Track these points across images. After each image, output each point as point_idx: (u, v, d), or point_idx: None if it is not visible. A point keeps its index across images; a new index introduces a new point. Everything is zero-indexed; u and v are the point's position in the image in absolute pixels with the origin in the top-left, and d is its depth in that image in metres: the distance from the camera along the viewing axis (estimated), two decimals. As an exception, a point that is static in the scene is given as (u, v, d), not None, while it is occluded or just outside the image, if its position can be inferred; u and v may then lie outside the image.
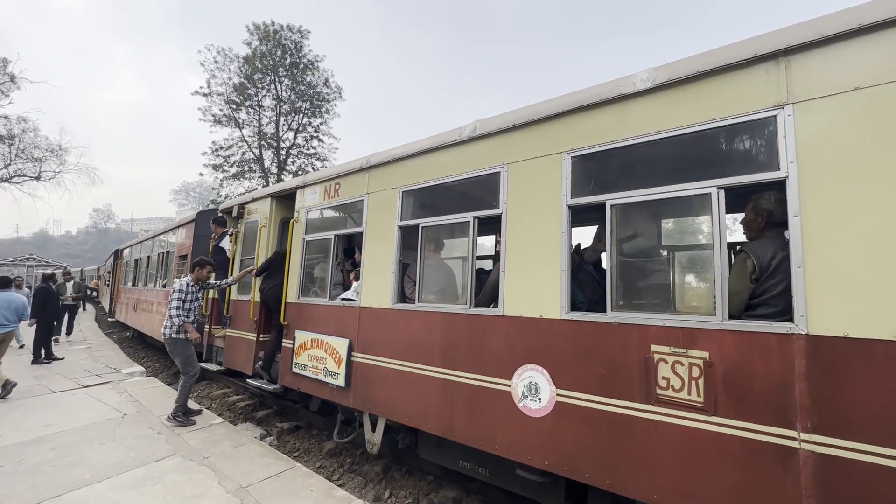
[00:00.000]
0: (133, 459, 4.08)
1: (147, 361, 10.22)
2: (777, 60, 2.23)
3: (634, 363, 2.49)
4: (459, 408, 3.30)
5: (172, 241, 9.60)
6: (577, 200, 2.87)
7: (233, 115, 25.52)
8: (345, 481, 4.25)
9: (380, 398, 3.95)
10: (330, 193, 4.94)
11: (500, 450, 3.03)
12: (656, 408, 2.39)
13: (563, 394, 2.76)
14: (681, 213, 3.15)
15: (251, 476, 3.83)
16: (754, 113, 2.27)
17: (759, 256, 2.39)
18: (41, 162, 28.10)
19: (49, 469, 3.85)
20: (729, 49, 2.41)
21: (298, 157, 27.19)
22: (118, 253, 16.76)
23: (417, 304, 3.77)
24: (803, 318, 2.02)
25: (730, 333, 2.22)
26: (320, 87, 26.98)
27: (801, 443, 1.97)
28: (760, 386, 2.10)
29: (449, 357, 3.43)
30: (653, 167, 2.91)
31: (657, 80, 2.60)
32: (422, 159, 3.95)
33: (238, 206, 6.74)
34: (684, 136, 2.50)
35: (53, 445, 4.38)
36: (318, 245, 5.06)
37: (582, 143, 2.89)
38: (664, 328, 2.41)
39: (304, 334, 4.84)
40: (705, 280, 2.57)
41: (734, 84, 2.36)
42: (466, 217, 3.48)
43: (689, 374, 2.30)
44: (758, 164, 2.44)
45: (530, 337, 2.97)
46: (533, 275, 3.01)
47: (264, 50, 25.47)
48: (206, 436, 4.78)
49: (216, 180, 26.12)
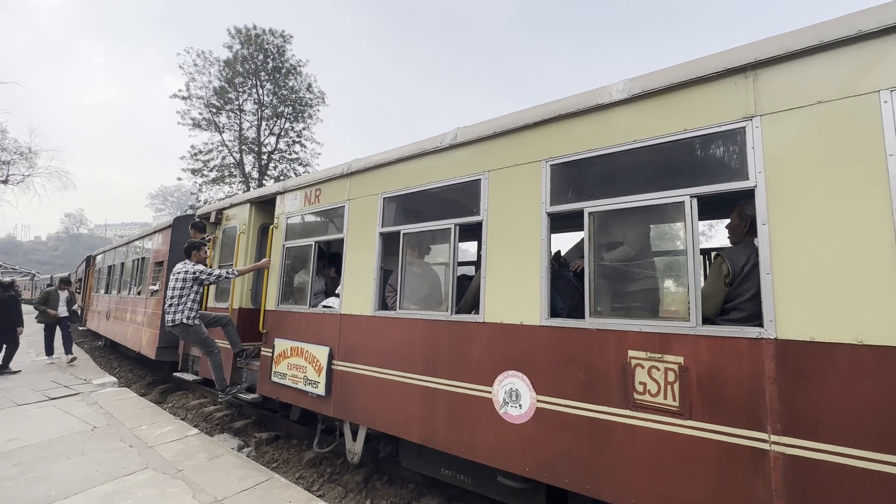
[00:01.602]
0: (102, 474, 3.93)
1: (119, 372, 9.89)
2: (745, 74, 2.31)
3: (613, 369, 2.52)
4: (441, 415, 3.29)
5: (148, 246, 9.34)
6: (556, 208, 2.91)
7: (213, 118, 25.09)
8: (325, 492, 4.18)
9: (361, 407, 3.90)
10: (310, 199, 4.89)
11: (482, 457, 3.03)
12: (634, 412, 2.42)
13: (544, 400, 2.78)
14: (657, 220, 3.22)
15: (227, 488, 3.72)
16: (724, 124, 2.35)
17: (733, 261, 2.46)
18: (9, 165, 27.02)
19: (11, 486, 3.67)
20: (700, 62, 2.49)
21: (280, 163, 26.86)
22: (90, 259, 16.23)
23: (399, 311, 3.75)
24: (772, 323, 2.09)
25: (703, 338, 2.27)
26: (303, 91, 26.76)
27: (772, 444, 2.02)
28: (733, 390, 2.15)
29: (430, 364, 3.42)
30: (629, 176, 2.98)
31: (632, 91, 2.67)
32: (403, 166, 3.95)
33: (216, 211, 6.61)
34: (659, 145, 2.57)
35: (17, 461, 4.18)
36: (299, 252, 4.99)
37: (561, 151, 2.93)
38: (641, 333, 2.45)
39: (283, 342, 4.76)
40: (680, 286, 2.63)
41: (705, 96, 2.43)
42: (448, 224, 3.49)
43: (665, 379, 2.34)
44: (729, 173, 2.51)
45: (511, 343, 2.98)
46: (513, 281, 3.03)
47: (246, 54, 25.16)
48: (180, 448, 4.64)
49: (195, 185, 25.57)
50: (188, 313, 4.84)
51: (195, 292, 4.93)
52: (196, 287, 4.92)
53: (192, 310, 4.88)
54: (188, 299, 4.86)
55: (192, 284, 4.89)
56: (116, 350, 11.63)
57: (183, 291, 4.86)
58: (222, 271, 5.13)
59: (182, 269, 4.93)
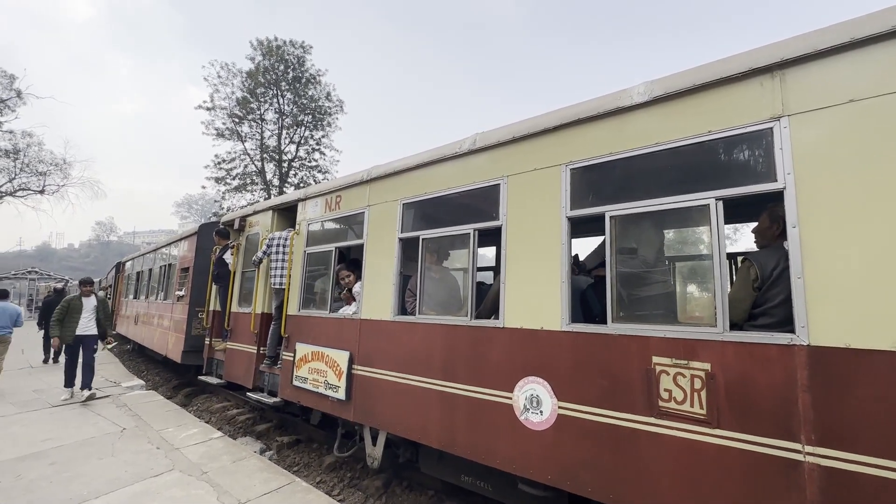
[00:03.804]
0: (131, 475, 4.04)
1: (147, 375, 10.18)
2: (772, 74, 2.26)
3: (636, 375, 2.48)
4: (460, 421, 3.28)
5: (175, 253, 9.63)
6: (576, 212, 2.89)
7: (235, 128, 25.79)
8: (345, 496, 4.20)
9: (380, 411, 3.92)
10: (331, 206, 4.97)
11: (502, 464, 3.00)
12: (659, 420, 2.37)
13: (565, 406, 2.74)
14: (680, 223, 3.16)
15: (250, 491, 3.78)
16: (750, 125, 2.30)
17: (761, 265, 2.39)
18: (45, 176, 28.30)
19: (46, 485, 3.81)
20: (724, 63, 2.44)
21: (300, 170, 27.38)
22: (120, 266, 16.80)
23: (418, 316, 3.76)
24: (804, 329, 2.02)
25: (731, 345, 2.21)
26: (322, 100, 27.27)
27: (806, 456, 1.95)
28: (763, 398, 2.09)
29: (450, 370, 3.42)
30: (652, 179, 2.93)
31: (654, 94, 2.63)
32: (422, 172, 3.98)
33: (240, 218, 6.78)
34: (682, 148, 2.52)
35: (52, 460, 4.34)
36: (319, 257, 5.07)
37: (581, 155, 2.91)
38: (665, 339, 2.40)
39: (304, 347, 4.83)
40: (706, 291, 2.57)
41: (730, 97, 2.39)
42: (467, 229, 3.50)
43: (692, 386, 2.29)
44: (755, 175, 2.46)
45: (531, 349, 2.96)
46: (533, 286, 3.01)
47: (267, 65, 25.83)
48: (205, 450, 4.74)
49: (218, 193, 26.30)
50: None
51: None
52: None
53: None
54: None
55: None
56: (144, 354, 11.98)
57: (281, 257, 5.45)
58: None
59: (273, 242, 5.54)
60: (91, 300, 6.89)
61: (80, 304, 6.75)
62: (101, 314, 6.94)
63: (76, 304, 6.74)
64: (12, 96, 26.91)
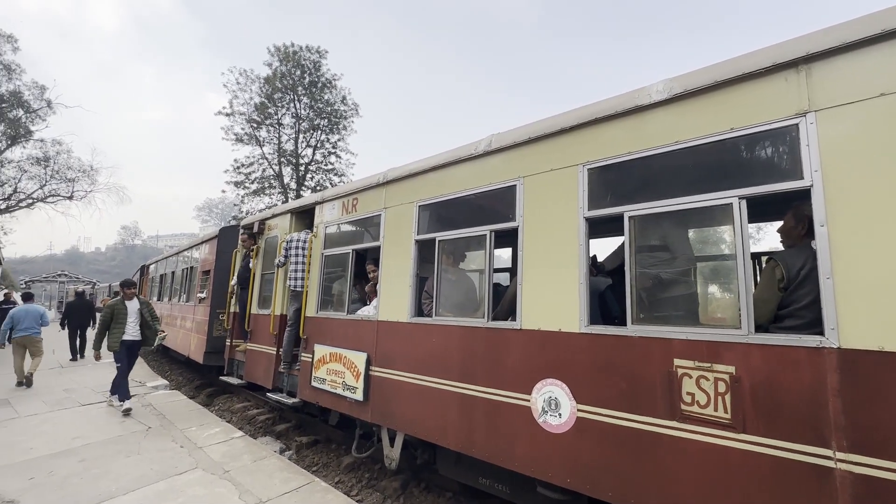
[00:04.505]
0: (156, 472, 4.15)
1: (171, 375, 10.44)
2: (797, 68, 2.20)
3: (657, 378, 2.43)
4: (478, 423, 3.27)
5: (196, 256, 9.87)
6: (594, 212, 2.85)
7: (254, 133, 26.31)
8: (363, 497, 4.23)
9: (398, 413, 3.94)
10: (348, 209, 5.02)
11: (521, 466, 2.98)
12: (681, 424, 2.32)
13: (584, 409, 2.71)
14: (702, 223, 3.10)
15: (271, 490, 3.84)
16: (775, 122, 2.24)
17: (787, 265, 2.32)
18: (74, 182, 29.37)
19: (77, 481, 3.94)
20: (746, 58, 2.39)
21: (317, 173, 27.76)
22: (144, 269, 17.27)
23: (435, 317, 3.77)
24: (834, 332, 1.95)
25: (756, 347, 2.15)
26: (338, 104, 27.63)
27: (837, 462, 1.88)
28: (791, 402, 2.03)
29: (467, 371, 3.41)
30: (672, 178, 2.88)
31: (673, 91, 2.59)
32: (438, 174, 3.99)
33: (259, 222, 6.90)
34: (703, 146, 2.47)
35: (81, 458, 4.49)
36: (337, 259, 5.12)
37: (598, 155, 2.88)
38: (687, 341, 2.35)
39: (322, 348, 4.88)
40: (729, 291, 2.51)
41: (753, 93, 2.33)
42: (483, 230, 3.49)
43: (715, 390, 2.23)
44: (780, 172, 2.40)
45: (549, 351, 2.93)
46: (551, 288, 2.99)
47: (284, 70, 26.28)
48: (226, 449, 4.83)
49: (238, 197, 26.85)
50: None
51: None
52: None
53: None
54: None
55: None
56: (168, 354, 12.29)
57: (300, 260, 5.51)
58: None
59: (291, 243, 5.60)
60: (134, 303, 6.44)
61: (125, 309, 6.30)
62: (147, 316, 6.50)
63: (120, 308, 6.27)
64: (43, 106, 28.02)
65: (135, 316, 6.35)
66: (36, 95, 27.94)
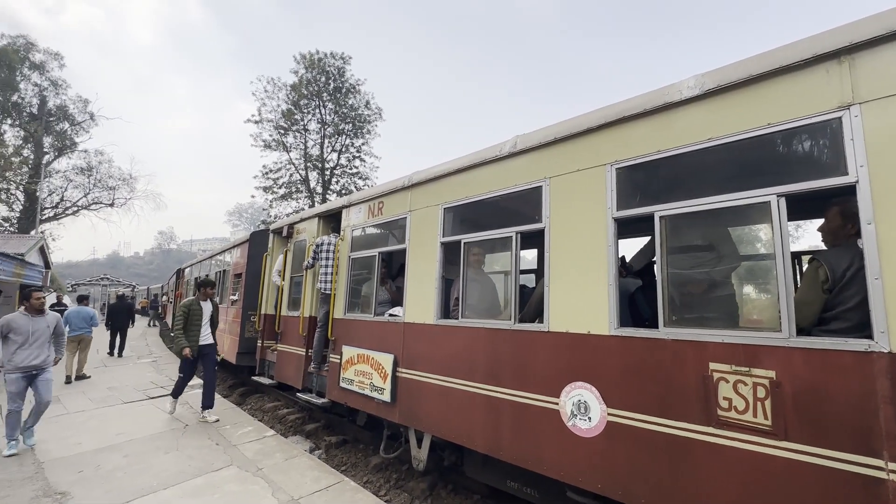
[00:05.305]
0: (194, 468, 4.31)
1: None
2: (839, 59, 2.10)
3: (692, 382, 2.36)
4: (505, 426, 3.25)
5: (228, 260, 10.20)
6: (623, 213, 2.80)
7: (281, 139, 27.03)
8: (391, 497, 4.27)
9: (425, 414, 3.96)
10: (374, 212, 5.09)
11: (550, 470, 2.95)
12: (718, 430, 2.25)
13: (615, 413, 2.66)
14: (738, 222, 2.99)
15: (302, 489, 3.93)
16: (816, 115, 2.14)
17: (832, 265, 2.21)
18: (114, 190, 30.94)
19: (121, 475, 4.13)
20: (782, 51, 2.30)
21: (342, 177, 28.29)
22: (180, 272, 17.97)
23: (461, 319, 3.77)
24: (884, 335, 1.85)
25: (798, 351, 2.06)
26: (361, 109, 28.10)
27: (890, 473, 1.78)
28: (837, 409, 1.93)
29: (493, 374, 3.40)
30: (704, 176, 2.80)
31: (705, 87, 2.52)
32: (463, 176, 4.00)
33: (288, 226, 7.08)
34: (738, 142, 2.39)
35: (125, 453, 4.71)
36: (363, 262, 5.20)
37: (627, 154, 2.82)
38: (723, 345, 2.28)
39: (350, 349, 4.96)
40: (767, 293, 2.42)
41: (791, 86, 2.24)
42: (509, 232, 3.48)
43: (754, 395, 2.15)
44: (822, 168, 2.29)
45: (578, 353, 2.89)
46: (579, 289, 2.95)
47: (309, 77, 26.91)
48: (259, 447, 4.97)
49: (266, 201, 27.64)
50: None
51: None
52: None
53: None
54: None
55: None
56: (202, 355, 12.70)
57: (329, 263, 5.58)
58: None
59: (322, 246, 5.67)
60: (208, 305, 6.10)
61: (200, 310, 5.93)
62: (217, 320, 6.23)
63: (196, 308, 5.90)
64: (86, 118, 29.62)
65: (208, 318, 6.07)
66: (80, 108, 29.64)
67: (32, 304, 4.84)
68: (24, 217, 26.28)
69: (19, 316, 4.75)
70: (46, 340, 4.88)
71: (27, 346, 4.67)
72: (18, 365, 4.61)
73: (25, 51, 27.03)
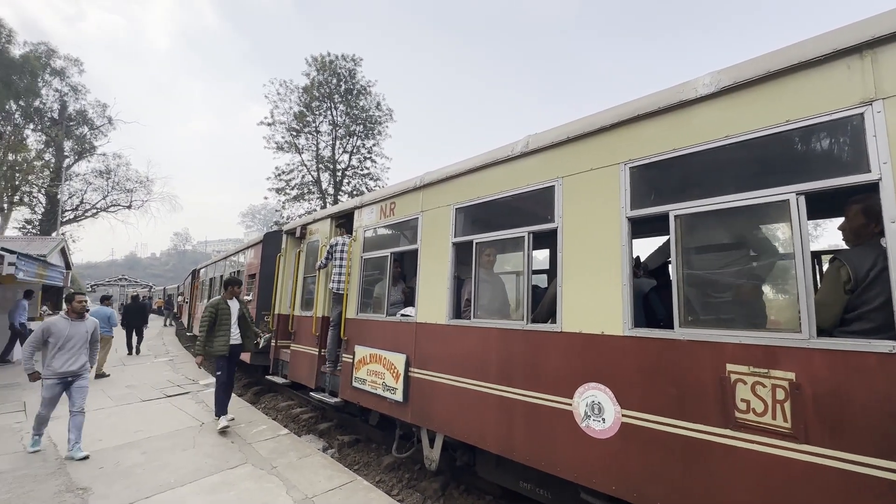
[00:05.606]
0: (210, 466, 4.38)
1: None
2: (861, 54, 2.05)
3: (708, 383, 2.33)
4: (518, 426, 3.24)
5: (242, 260, 10.34)
6: (637, 212, 2.77)
7: (293, 141, 27.31)
8: (403, 497, 4.28)
9: (437, 414, 3.97)
10: (385, 213, 5.12)
11: (563, 472, 2.93)
12: (736, 433, 2.21)
13: (629, 415, 2.63)
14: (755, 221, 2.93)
15: (316, 487, 3.97)
16: (836, 112, 2.10)
17: (854, 265, 2.16)
18: (132, 192, 31.60)
19: (140, 472, 4.22)
20: (801, 46, 2.25)
21: (353, 178, 28.47)
22: (195, 273, 18.26)
23: (473, 319, 3.77)
24: (910, 336, 1.80)
25: (819, 352, 2.02)
26: (372, 110, 28.24)
27: (916, 478, 1.74)
28: (861, 412, 1.89)
29: (506, 374, 3.39)
30: (721, 174, 2.76)
31: (721, 84, 2.48)
32: (474, 176, 4.00)
33: (301, 227, 7.15)
34: (755, 140, 2.35)
35: (143, 450, 4.81)
36: (375, 262, 5.23)
37: (640, 153, 2.80)
38: (741, 346, 2.24)
39: (363, 349, 5.00)
40: (785, 293, 2.37)
41: (811, 82, 2.19)
42: (521, 232, 3.47)
43: (773, 397, 2.11)
44: (843, 166, 2.24)
45: (591, 354, 2.87)
46: (592, 290, 2.92)
47: (321, 79, 27.15)
48: (273, 446, 5.03)
49: (279, 203, 27.96)
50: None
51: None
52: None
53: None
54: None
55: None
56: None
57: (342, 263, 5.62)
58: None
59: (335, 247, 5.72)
60: (236, 304, 5.87)
61: (228, 309, 5.72)
62: (248, 317, 6.02)
63: (224, 308, 5.68)
64: (105, 123, 30.31)
65: (236, 318, 5.84)
66: (98, 113, 30.34)
67: (74, 308, 4.79)
68: (45, 219, 26.99)
69: (60, 319, 4.71)
70: (84, 346, 4.82)
71: (66, 351, 4.61)
72: (57, 370, 4.54)
73: (47, 57, 27.74)
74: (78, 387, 4.75)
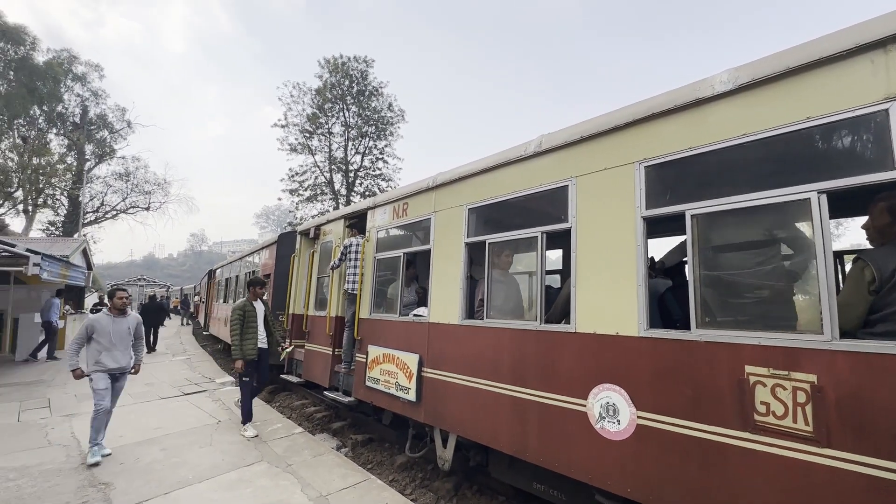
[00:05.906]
0: (227, 463, 4.46)
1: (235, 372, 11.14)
2: (885, 49, 2.00)
3: (726, 386, 2.29)
4: (532, 427, 3.23)
5: (256, 261, 10.49)
6: (652, 212, 2.74)
7: (306, 143, 27.62)
8: (416, 496, 4.30)
9: (450, 414, 3.97)
10: (398, 213, 5.15)
11: (577, 473, 2.91)
12: (755, 436, 2.17)
13: (645, 416, 2.61)
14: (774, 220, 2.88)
15: (330, 485, 4.00)
16: (859, 108, 2.05)
17: (879, 265, 2.11)
18: (150, 194, 32.27)
19: (159, 468, 4.31)
20: (823, 41, 2.21)
21: (365, 179, 28.68)
22: (211, 273, 18.58)
23: (486, 319, 3.77)
24: (938, 338, 1.75)
25: (842, 354, 1.97)
26: (384, 111, 28.41)
27: (944, 485, 1.69)
28: (886, 416, 1.84)
29: (519, 374, 3.38)
30: (739, 173, 2.71)
31: (739, 81, 2.44)
32: (487, 176, 4.00)
33: (314, 227, 7.23)
34: (774, 138, 2.31)
35: (163, 446, 4.91)
36: (388, 263, 5.26)
37: (656, 151, 2.77)
38: (760, 347, 2.20)
39: (376, 349, 5.03)
40: (806, 293, 2.32)
41: (832, 78, 2.15)
42: (534, 232, 3.45)
43: (794, 400, 2.07)
44: (866, 163, 2.18)
45: (606, 355, 2.85)
46: (607, 290, 2.90)
47: (333, 81, 27.40)
48: (288, 444, 5.10)
49: (293, 203, 28.29)
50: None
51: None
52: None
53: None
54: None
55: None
56: (232, 353, 13.11)
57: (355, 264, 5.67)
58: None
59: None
60: (260, 305, 5.78)
61: (255, 310, 5.61)
62: (271, 320, 5.93)
63: (250, 310, 5.56)
64: (124, 126, 31.02)
65: (262, 318, 5.76)
66: (118, 117, 31.05)
67: (115, 304, 4.78)
68: (68, 221, 27.72)
69: (103, 317, 4.73)
70: (128, 343, 4.83)
71: (111, 349, 4.63)
72: (106, 366, 4.59)
73: (69, 63, 28.49)
74: (118, 387, 4.84)
